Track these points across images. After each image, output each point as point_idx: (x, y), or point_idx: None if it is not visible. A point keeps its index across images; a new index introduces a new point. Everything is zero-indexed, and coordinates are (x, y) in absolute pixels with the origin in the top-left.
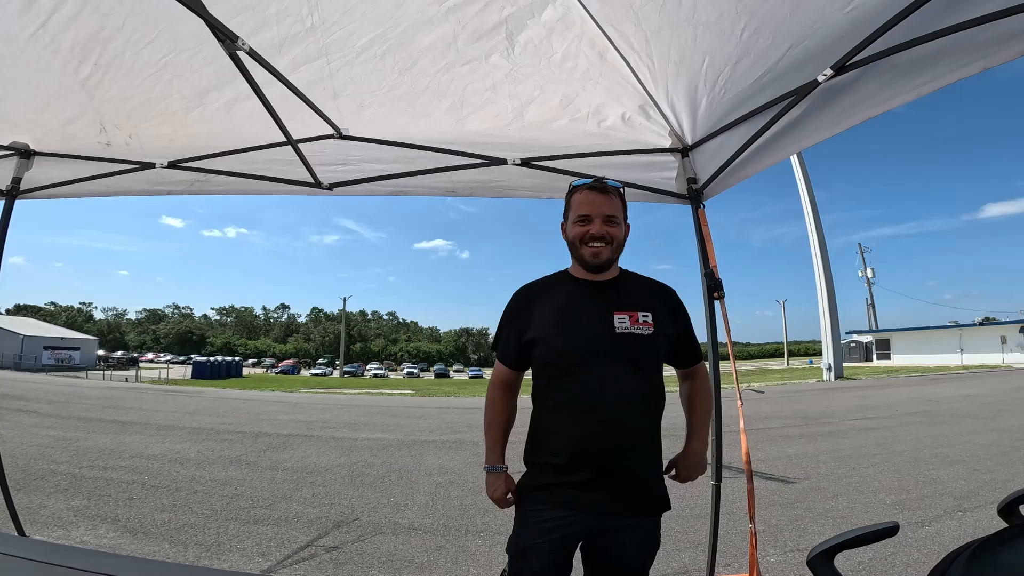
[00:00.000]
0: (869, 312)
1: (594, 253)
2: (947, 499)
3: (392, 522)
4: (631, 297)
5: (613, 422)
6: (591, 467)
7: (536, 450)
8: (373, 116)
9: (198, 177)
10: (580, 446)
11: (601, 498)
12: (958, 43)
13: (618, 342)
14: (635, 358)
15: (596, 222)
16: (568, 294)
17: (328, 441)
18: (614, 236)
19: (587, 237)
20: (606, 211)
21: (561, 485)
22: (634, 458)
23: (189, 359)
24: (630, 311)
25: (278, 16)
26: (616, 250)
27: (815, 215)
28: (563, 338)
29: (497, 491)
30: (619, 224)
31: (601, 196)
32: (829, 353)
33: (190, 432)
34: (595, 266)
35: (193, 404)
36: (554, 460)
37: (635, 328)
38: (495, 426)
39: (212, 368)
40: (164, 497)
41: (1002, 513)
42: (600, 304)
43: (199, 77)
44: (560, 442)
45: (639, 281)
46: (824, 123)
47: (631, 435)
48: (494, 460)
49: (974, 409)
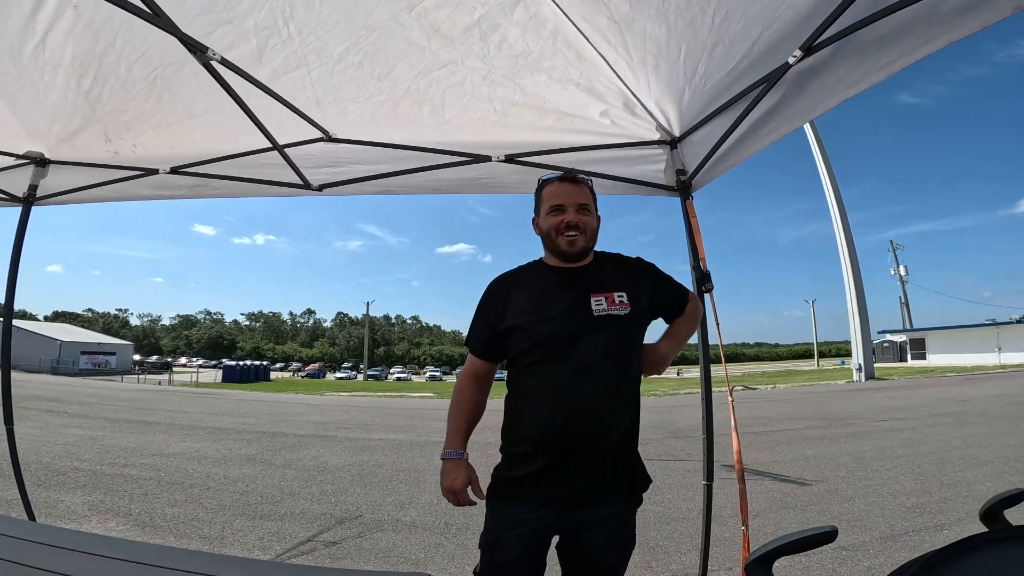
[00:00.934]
0: (903, 311)
1: (570, 241)
2: (970, 502)
3: (394, 519)
4: (605, 279)
5: (585, 408)
6: (557, 454)
7: (506, 440)
8: (358, 120)
9: (198, 182)
10: (547, 432)
11: (568, 489)
12: (920, 16)
13: (597, 325)
14: (612, 340)
15: (570, 210)
16: (543, 282)
17: (342, 441)
18: (587, 224)
19: (562, 226)
20: (578, 200)
21: (528, 476)
22: (607, 445)
23: (220, 363)
24: (605, 292)
25: (255, 29)
26: (590, 239)
27: (842, 213)
28: (539, 324)
29: (457, 480)
30: (591, 213)
31: (572, 186)
32: (859, 353)
33: (211, 432)
34: (571, 255)
35: (218, 405)
36: (523, 448)
37: (612, 309)
38: (459, 412)
39: (242, 372)
40: (177, 493)
41: (984, 518)
42: (576, 289)
43: (186, 90)
44: (529, 429)
45: (610, 261)
46: (801, 107)
47: (605, 422)
48: (453, 445)
49: (1008, 409)
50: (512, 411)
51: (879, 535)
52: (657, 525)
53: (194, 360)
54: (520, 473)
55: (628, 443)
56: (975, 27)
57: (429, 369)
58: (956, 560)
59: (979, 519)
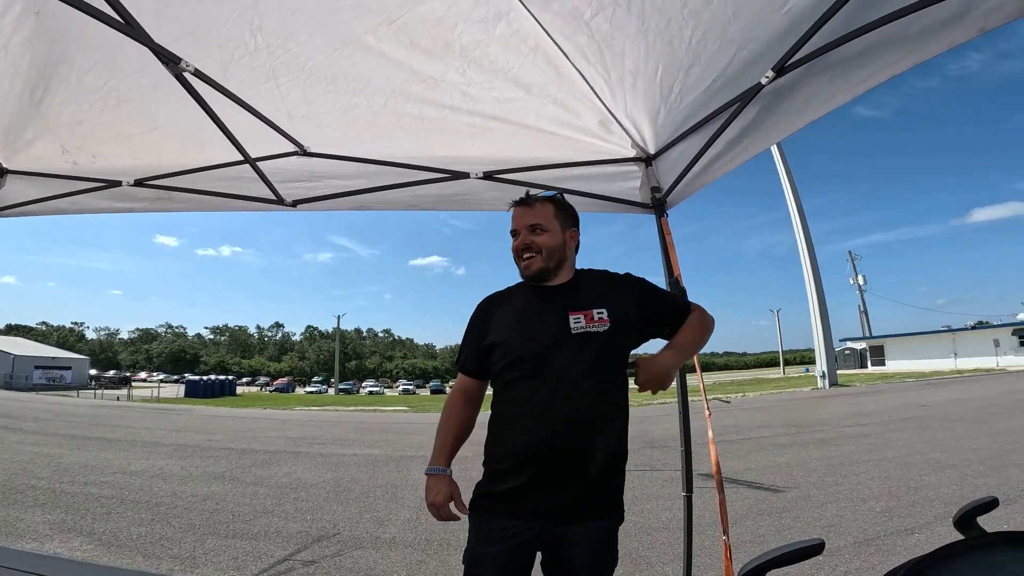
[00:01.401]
0: (862, 319)
1: (525, 265)
2: (937, 505)
3: (373, 537)
4: (585, 296)
5: (565, 425)
6: (538, 469)
7: (489, 455)
8: (333, 135)
9: (162, 195)
10: (528, 448)
11: (548, 504)
12: (888, 38)
13: (574, 342)
14: (591, 357)
15: (522, 233)
16: (525, 301)
17: (315, 457)
18: (541, 244)
19: (519, 251)
20: (528, 221)
21: (510, 491)
22: (588, 462)
23: (182, 378)
24: (584, 310)
25: (220, 41)
26: (548, 257)
27: (803, 225)
28: (519, 341)
29: (439, 495)
30: (547, 231)
31: (524, 209)
32: (822, 361)
33: (175, 449)
34: (529, 277)
35: (181, 421)
36: (503, 465)
37: (591, 326)
38: (446, 428)
39: (205, 387)
40: (143, 511)
41: (959, 525)
42: (554, 306)
43: (146, 102)
44: (509, 445)
45: (593, 277)
46: (773, 126)
47: (585, 438)
48: (437, 461)
49: (967, 413)
50: (494, 427)
51: (853, 540)
52: (638, 536)
53: (154, 375)
54: (502, 488)
55: (613, 460)
56: (941, 48)
57: (402, 383)
58: (943, 565)
59: (953, 526)
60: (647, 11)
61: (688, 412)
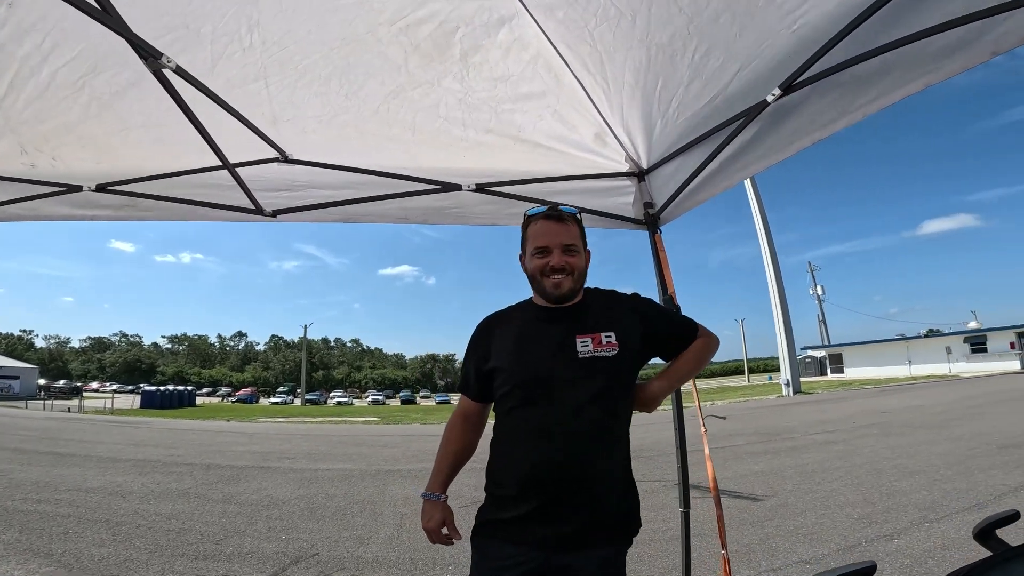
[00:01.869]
0: (821, 328)
1: (556, 284)
2: (912, 511)
3: (355, 556)
4: (593, 318)
5: (570, 451)
6: (542, 497)
7: (491, 481)
8: (318, 141)
9: (127, 202)
10: (531, 477)
11: (553, 532)
12: (900, 59)
13: (581, 368)
14: (600, 383)
15: (555, 253)
16: (528, 321)
17: (286, 472)
18: (575, 266)
19: (547, 269)
20: (564, 240)
21: (513, 519)
22: (592, 489)
23: (137, 388)
24: (592, 333)
25: (213, 35)
26: (578, 279)
27: (768, 236)
28: (521, 366)
29: (432, 521)
30: (579, 252)
31: (558, 225)
32: (787, 369)
33: (134, 464)
34: (558, 298)
35: (139, 435)
36: (507, 492)
37: (599, 351)
38: (444, 453)
39: (163, 397)
40: (103, 531)
41: (978, 538)
42: (561, 329)
43: (119, 100)
44: (512, 473)
45: (601, 298)
46: (775, 145)
47: (591, 465)
48: (433, 487)
49: (926, 419)
50: (497, 453)
51: (836, 547)
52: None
53: (107, 385)
54: (506, 515)
55: (619, 485)
56: (955, 70)
57: (371, 393)
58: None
59: (973, 538)
60: (652, 24)
61: (684, 428)
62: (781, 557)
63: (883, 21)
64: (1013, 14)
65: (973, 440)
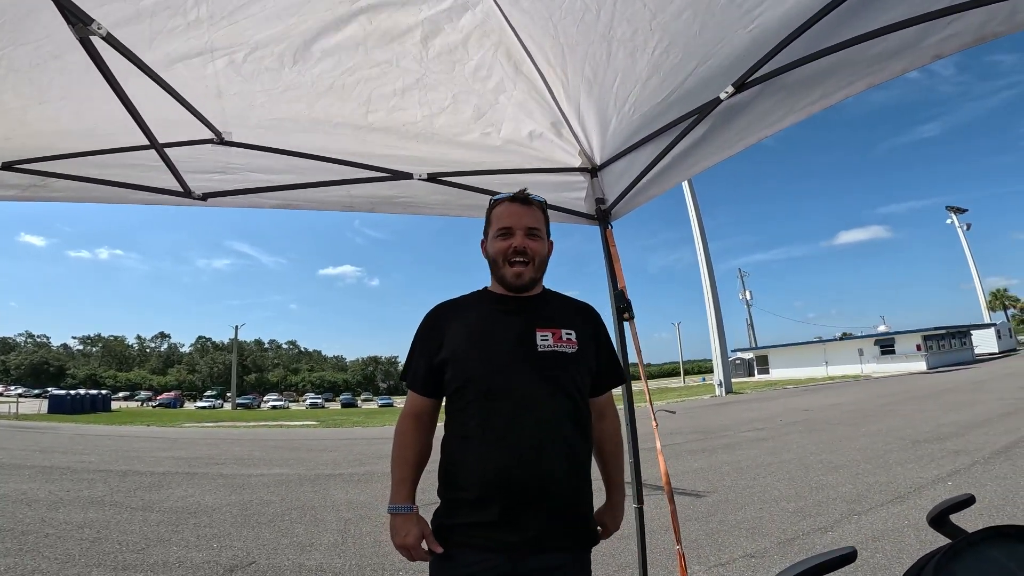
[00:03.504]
0: (749, 331)
1: (517, 274)
2: (840, 504)
3: (297, 564)
4: (554, 313)
5: (531, 451)
6: (506, 501)
7: (447, 484)
8: (262, 118)
9: (35, 181)
10: (493, 478)
11: (518, 537)
12: (844, 62)
13: (540, 361)
14: (559, 378)
15: (518, 234)
16: (486, 311)
17: (215, 479)
18: (536, 252)
19: (510, 252)
20: (528, 223)
21: (475, 524)
22: (557, 489)
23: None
24: (553, 328)
25: (154, 7)
26: (539, 268)
27: (704, 241)
28: (478, 358)
29: (409, 536)
30: (542, 238)
31: (523, 208)
32: (719, 370)
33: (40, 471)
34: (518, 287)
35: (45, 441)
36: (466, 495)
37: (559, 346)
38: (402, 460)
39: (73, 402)
40: (7, 541)
41: (933, 524)
42: (521, 321)
43: (41, 72)
44: (472, 474)
45: (561, 299)
46: (724, 142)
47: (553, 464)
48: (400, 499)
49: (844, 416)
50: (451, 453)
51: (777, 541)
52: None
53: (12, 388)
54: (466, 520)
55: (583, 486)
56: (895, 72)
57: (310, 396)
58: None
59: (928, 523)
60: (616, 19)
61: (635, 424)
62: (727, 551)
63: (833, 23)
64: (957, 18)
65: (888, 436)
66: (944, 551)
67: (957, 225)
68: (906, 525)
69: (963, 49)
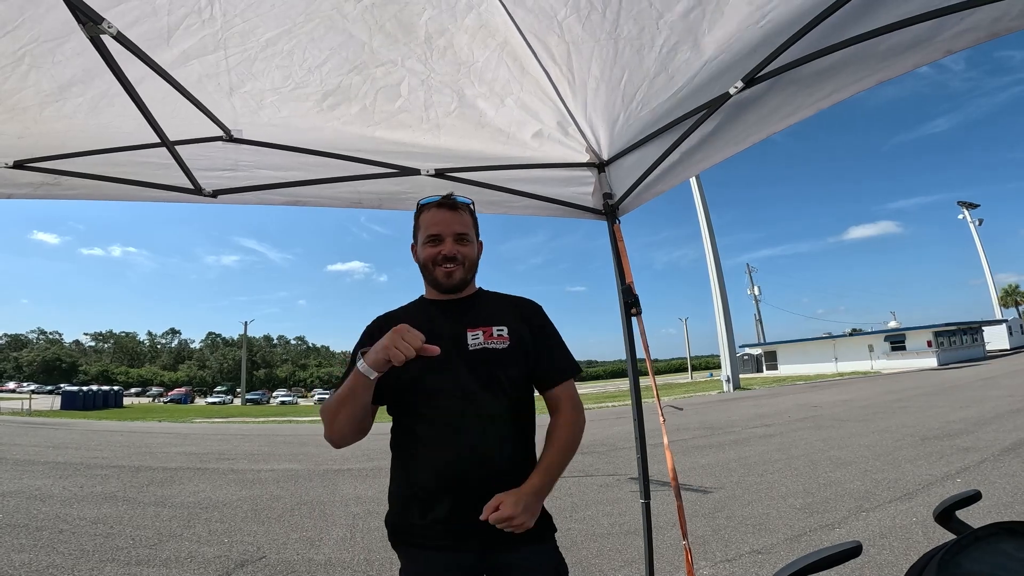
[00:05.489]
0: (757, 327)
1: (447, 273)
2: (848, 500)
3: (306, 559)
4: (485, 312)
5: (473, 448)
6: (456, 495)
7: (400, 484)
8: (272, 116)
9: (48, 179)
10: (440, 475)
11: (479, 531)
12: (856, 56)
13: (472, 359)
14: (491, 374)
15: (447, 242)
16: (421, 316)
17: (226, 474)
18: (466, 255)
19: (439, 258)
20: (456, 229)
21: (433, 523)
22: (500, 482)
23: (57, 388)
24: (484, 326)
25: (169, 6)
26: (469, 269)
27: (711, 237)
28: (416, 361)
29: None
30: (471, 242)
31: (450, 214)
32: (727, 366)
33: (53, 467)
34: (449, 287)
35: (58, 437)
36: (417, 493)
37: (489, 343)
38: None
39: (85, 398)
40: (22, 536)
41: (940, 519)
42: (452, 322)
43: (60, 69)
44: (419, 474)
45: (497, 298)
46: (733, 137)
47: (494, 460)
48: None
49: (854, 413)
50: (400, 455)
51: (784, 537)
52: (585, 543)
53: (24, 385)
54: (426, 519)
55: (524, 478)
56: (907, 67)
57: (318, 392)
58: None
59: (934, 519)
60: (622, 17)
61: (643, 418)
62: (734, 548)
63: (845, 17)
64: (970, 13)
65: (898, 432)
66: (949, 546)
67: (969, 220)
68: (914, 522)
69: (976, 44)
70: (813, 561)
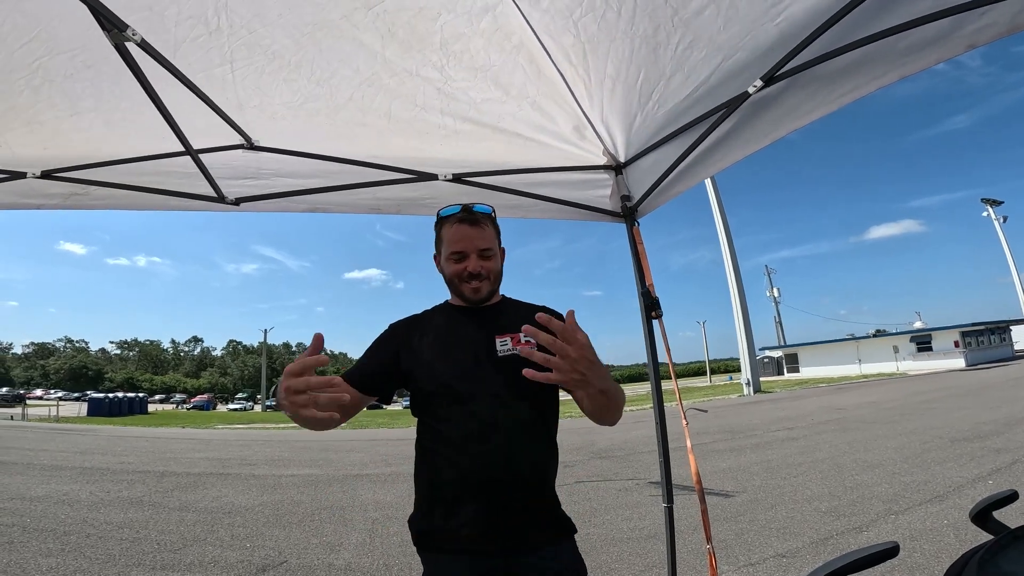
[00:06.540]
0: (777, 329)
1: (474, 290)
2: (876, 503)
3: (326, 564)
4: (509, 319)
5: (502, 452)
6: (483, 499)
7: (426, 487)
8: (286, 128)
9: (76, 189)
10: (468, 479)
11: (506, 533)
12: (877, 53)
13: (501, 366)
14: (521, 380)
15: (472, 258)
16: (447, 323)
17: (247, 479)
18: (491, 270)
19: (465, 275)
20: (480, 245)
21: (462, 525)
22: (530, 484)
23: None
24: (511, 333)
25: (178, 17)
26: (495, 282)
27: (729, 238)
28: (443, 366)
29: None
30: (494, 255)
31: (472, 229)
32: (747, 369)
33: (81, 472)
34: (477, 302)
35: (85, 443)
36: (445, 496)
37: (517, 349)
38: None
39: (111, 405)
40: (50, 541)
41: (976, 520)
42: (481, 329)
43: (75, 82)
44: (446, 476)
45: (520, 305)
46: (753, 136)
47: (521, 465)
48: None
49: (879, 415)
50: (425, 458)
51: (809, 541)
52: (604, 548)
53: (52, 392)
54: (450, 524)
55: (547, 481)
56: (929, 63)
57: None
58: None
59: (970, 520)
60: (637, 16)
61: (665, 423)
62: (758, 552)
63: (865, 14)
64: (992, 8)
65: (926, 434)
66: (988, 546)
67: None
68: (946, 524)
69: (998, 38)
70: (850, 562)
